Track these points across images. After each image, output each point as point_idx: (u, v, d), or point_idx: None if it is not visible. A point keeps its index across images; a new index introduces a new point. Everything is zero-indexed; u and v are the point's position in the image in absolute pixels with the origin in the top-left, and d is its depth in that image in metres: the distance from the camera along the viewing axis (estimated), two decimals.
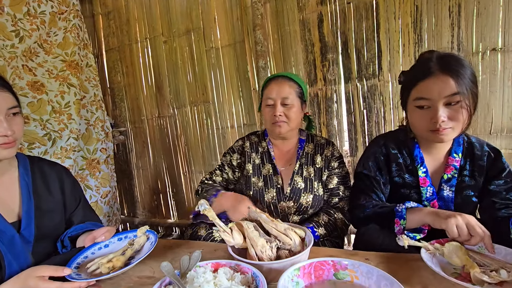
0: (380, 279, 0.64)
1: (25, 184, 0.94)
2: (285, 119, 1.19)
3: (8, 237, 0.85)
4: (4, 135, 0.81)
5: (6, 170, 0.93)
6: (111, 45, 2.59)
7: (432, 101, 0.89)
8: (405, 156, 1.05)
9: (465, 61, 0.90)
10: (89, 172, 2.18)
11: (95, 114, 2.24)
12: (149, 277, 0.84)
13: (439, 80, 0.87)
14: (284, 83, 1.19)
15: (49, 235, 0.96)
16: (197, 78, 2.30)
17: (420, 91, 0.91)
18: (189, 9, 2.22)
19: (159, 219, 2.72)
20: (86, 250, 0.90)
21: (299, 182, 1.22)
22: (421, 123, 0.93)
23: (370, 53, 1.77)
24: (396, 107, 1.77)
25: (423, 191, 1.01)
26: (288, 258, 0.73)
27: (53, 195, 1.00)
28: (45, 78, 1.96)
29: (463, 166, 0.99)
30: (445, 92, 0.86)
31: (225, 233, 0.78)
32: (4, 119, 0.81)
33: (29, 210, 0.91)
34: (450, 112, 0.88)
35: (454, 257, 0.71)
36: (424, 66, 0.92)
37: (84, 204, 1.11)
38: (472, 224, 0.75)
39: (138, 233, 0.93)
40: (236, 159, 1.32)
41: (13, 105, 0.85)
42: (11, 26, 1.80)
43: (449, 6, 1.57)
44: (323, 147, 1.27)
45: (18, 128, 0.86)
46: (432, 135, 0.93)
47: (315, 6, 1.85)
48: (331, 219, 1.15)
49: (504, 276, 0.63)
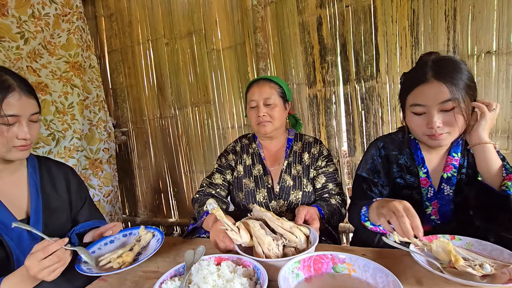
0: (376, 271, 0.67)
1: (34, 183, 0.97)
2: (269, 118, 1.23)
3: (16, 234, 0.88)
4: (23, 138, 0.85)
5: (16, 169, 0.96)
6: (114, 47, 2.63)
7: (427, 107, 0.90)
8: (406, 157, 1.06)
9: (462, 64, 0.90)
10: (92, 172, 2.21)
11: (98, 114, 2.28)
12: (154, 272, 0.88)
13: (433, 86, 0.88)
14: (265, 85, 1.24)
15: (56, 233, 0.97)
16: (199, 79, 2.34)
17: (415, 97, 0.93)
18: (191, 12, 2.26)
19: (160, 218, 2.75)
20: (93, 245, 0.93)
21: (287, 180, 1.25)
22: (418, 128, 0.95)
23: (368, 55, 1.81)
24: (394, 108, 1.81)
25: (424, 191, 1.02)
26: (294, 255, 0.75)
27: (60, 194, 1.03)
28: (49, 79, 2.00)
29: (462, 164, 1.00)
30: (438, 98, 0.87)
31: (232, 232, 0.80)
32: (26, 123, 0.86)
33: (37, 208, 0.94)
34: (445, 118, 0.89)
35: (441, 253, 0.74)
36: (420, 72, 0.93)
37: (89, 203, 1.14)
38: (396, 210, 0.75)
39: (140, 232, 0.96)
40: (233, 159, 1.35)
41: (36, 112, 0.89)
42: (16, 28, 1.84)
43: (445, 10, 1.60)
44: (311, 145, 1.29)
45: (35, 133, 0.91)
46: (429, 140, 0.94)
47: (314, 9, 1.89)
48: (329, 202, 1.17)
49: (487, 270, 0.67)
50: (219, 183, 1.31)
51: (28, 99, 0.87)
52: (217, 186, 1.30)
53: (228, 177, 1.33)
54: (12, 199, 0.91)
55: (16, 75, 0.88)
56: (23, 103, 0.85)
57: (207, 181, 1.32)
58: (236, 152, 1.36)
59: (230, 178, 1.34)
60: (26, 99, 0.86)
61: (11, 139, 0.84)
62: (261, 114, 1.22)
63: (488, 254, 0.76)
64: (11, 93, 0.82)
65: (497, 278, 0.67)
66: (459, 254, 0.73)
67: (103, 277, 0.87)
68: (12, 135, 0.84)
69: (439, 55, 0.96)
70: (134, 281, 0.84)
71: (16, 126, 0.84)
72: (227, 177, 1.33)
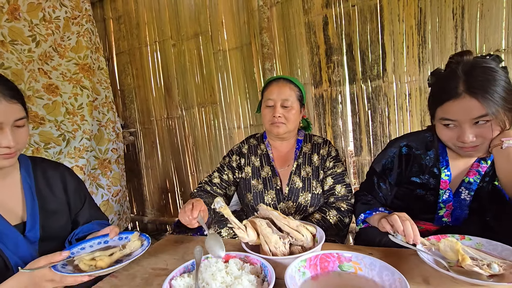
0: (382, 269, 0.68)
1: (28, 186, 0.93)
2: (284, 120, 1.21)
3: (12, 240, 0.84)
4: (7, 146, 0.79)
5: (8, 173, 0.92)
6: (122, 49, 2.67)
7: (458, 122, 0.84)
8: (430, 157, 1.02)
9: (499, 72, 0.82)
10: (101, 172, 2.25)
11: (107, 115, 2.32)
12: (163, 269, 0.89)
13: (465, 101, 0.81)
14: (285, 85, 1.22)
15: (56, 235, 0.96)
16: (205, 80, 2.36)
17: (445, 112, 0.86)
18: (197, 13, 2.29)
19: (167, 217, 2.78)
20: (85, 241, 0.90)
21: (296, 182, 1.24)
22: (448, 139, 0.90)
23: (374, 54, 1.80)
24: (400, 108, 1.80)
25: (441, 193, 1.00)
26: (301, 253, 0.76)
27: (57, 196, 0.99)
28: (60, 81, 2.04)
29: (488, 173, 0.95)
30: (471, 114, 0.81)
31: (239, 230, 0.80)
32: (10, 130, 0.80)
33: (33, 212, 0.91)
34: (479, 131, 0.83)
35: (449, 252, 0.74)
36: (451, 84, 0.85)
37: (89, 203, 1.09)
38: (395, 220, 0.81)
39: (132, 238, 0.90)
40: (235, 160, 1.34)
41: (21, 117, 0.83)
42: (28, 31, 1.89)
43: (452, 8, 1.59)
44: (320, 146, 1.28)
45: (22, 139, 0.85)
46: (460, 150, 0.90)
47: (320, 9, 1.89)
48: (324, 216, 1.16)
49: (495, 270, 0.66)
50: (216, 182, 1.31)
51: (9, 104, 0.79)
52: (214, 184, 1.31)
53: (226, 178, 1.33)
54: (5, 205, 0.87)
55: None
56: (4, 108, 0.77)
57: (207, 178, 1.34)
58: (242, 153, 1.35)
59: (231, 179, 1.33)
60: (7, 104, 0.78)
61: None
62: (276, 115, 1.19)
63: (498, 255, 0.75)
64: None
65: (505, 278, 0.67)
66: (467, 253, 0.73)
67: (113, 274, 0.89)
68: None
69: (471, 59, 0.87)
70: (144, 278, 0.85)
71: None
72: (224, 177, 1.33)
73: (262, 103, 1.29)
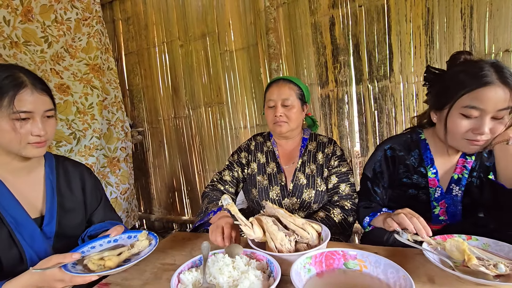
0: (387, 267, 0.68)
1: (50, 182, 0.97)
2: (286, 119, 1.24)
3: (28, 232, 0.87)
4: (37, 135, 0.84)
5: (33, 168, 0.96)
6: (130, 49, 2.72)
7: (483, 112, 0.84)
8: (414, 157, 1.06)
9: None
10: (110, 170, 2.29)
11: (116, 114, 2.36)
12: (171, 264, 0.92)
13: (498, 90, 0.81)
14: (284, 85, 1.25)
15: (70, 233, 0.98)
16: (212, 80, 2.39)
17: (474, 99, 0.84)
18: (205, 14, 2.31)
19: (174, 216, 2.81)
20: (95, 240, 0.91)
21: (301, 179, 1.26)
22: (461, 131, 0.89)
23: (381, 55, 1.80)
24: (407, 108, 1.79)
25: (432, 191, 1.03)
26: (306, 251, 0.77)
27: (75, 195, 1.02)
28: (71, 81, 2.09)
29: (474, 167, 0.99)
30: (498, 105, 0.82)
31: (246, 227, 0.82)
32: (40, 120, 0.85)
33: (51, 208, 0.94)
34: (493, 125, 0.85)
35: (455, 251, 0.74)
36: (483, 71, 0.84)
37: (105, 204, 1.12)
38: (402, 218, 0.83)
39: (140, 237, 0.91)
40: (244, 157, 1.37)
41: (50, 108, 0.89)
42: (41, 33, 1.94)
43: (461, 8, 1.58)
44: (325, 145, 1.31)
45: (51, 129, 0.90)
46: (467, 145, 0.90)
47: (326, 9, 1.89)
48: (329, 214, 1.17)
49: (501, 270, 0.66)
50: (227, 180, 1.34)
51: (40, 96, 0.85)
52: (226, 182, 1.34)
53: (236, 175, 1.36)
54: (28, 198, 0.92)
55: (29, 73, 0.86)
56: (36, 99, 0.84)
57: (218, 176, 1.36)
58: (250, 150, 1.38)
59: (240, 176, 1.36)
60: (38, 96, 0.85)
61: (25, 135, 0.83)
62: (277, 114, 1.23)
63: (505, 255, 0.75)
64: (23, 90, 0.82)
65: (511, 278, 0.67)
66: (473, 253, 0.73)
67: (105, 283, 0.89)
68: (26, 131, 0.83)
69: (488, 60, 0.90)
70: (153, 272, 0.88)
71: (30, 122, 0.84)
72: (235, 175, 1.36)
73: (264, 105, 1.33)
